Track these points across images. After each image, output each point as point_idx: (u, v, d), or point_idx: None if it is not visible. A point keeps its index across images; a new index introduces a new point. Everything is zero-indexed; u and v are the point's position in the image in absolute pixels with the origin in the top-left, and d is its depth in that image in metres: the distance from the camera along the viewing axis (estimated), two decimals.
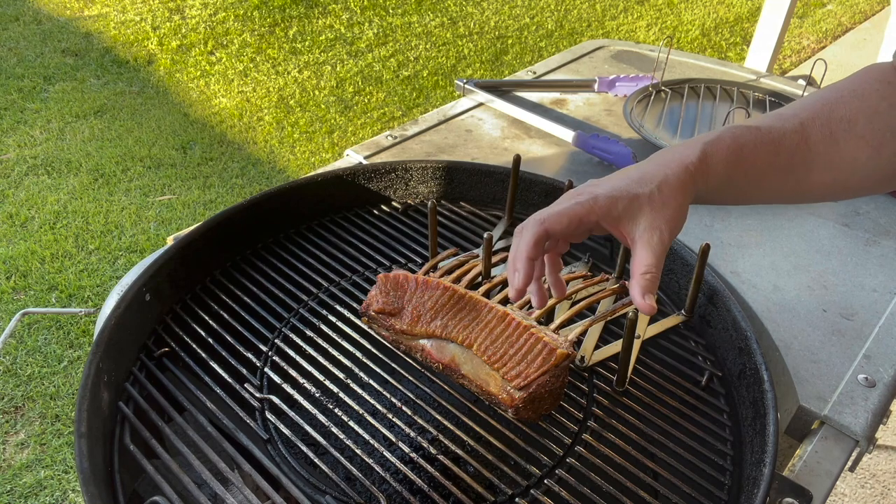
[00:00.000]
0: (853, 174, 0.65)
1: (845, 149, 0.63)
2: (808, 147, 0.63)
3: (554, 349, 0.65)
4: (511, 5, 4.54)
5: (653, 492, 0.65)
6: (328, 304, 0.87)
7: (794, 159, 0.64)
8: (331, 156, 3.05)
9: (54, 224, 2.57)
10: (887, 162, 0.64)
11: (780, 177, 0.64)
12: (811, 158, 0.64)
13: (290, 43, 3.94)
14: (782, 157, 0.63)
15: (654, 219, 0.58)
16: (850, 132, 0.63)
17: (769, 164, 0.63)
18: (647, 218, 0.58)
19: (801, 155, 0.64)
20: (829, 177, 0.65)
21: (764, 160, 0.63)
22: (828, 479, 0.69)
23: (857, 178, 0.65)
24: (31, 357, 2.06)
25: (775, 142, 0.63)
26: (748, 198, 0.67)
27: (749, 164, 0.63)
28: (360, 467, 0.68)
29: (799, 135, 0.63)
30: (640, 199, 0.58)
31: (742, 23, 4.48)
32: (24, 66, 3.59)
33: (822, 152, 0.64)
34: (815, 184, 0.65)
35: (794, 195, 0.68)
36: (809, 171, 0.64)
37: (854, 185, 0.67)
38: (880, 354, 0.82)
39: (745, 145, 0.62)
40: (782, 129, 0.64)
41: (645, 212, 0.58)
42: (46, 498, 1.72)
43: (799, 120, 0.64)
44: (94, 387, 0.68)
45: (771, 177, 0.64)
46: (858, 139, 0.63)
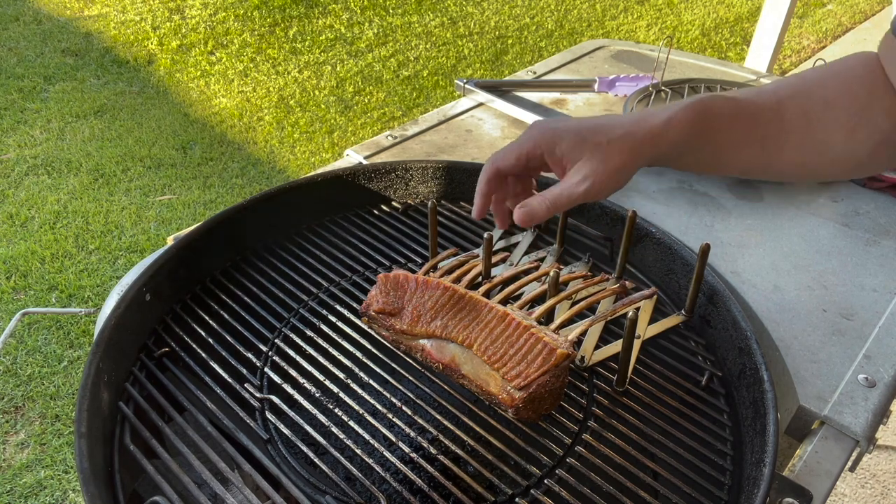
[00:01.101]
0: (824, 157, 0.65)
1: (819, 131, 0.63)
2: (783, 125, 0.64)
3: (554, 349, 0.65)
4: (511, 5, 4.54)
5: (653, 492, 0.65)
6: (328, 304, 0.87)
7: (767, 135, 0.64)
8: (331, 156, 3.05)
9: (54, 224, 2.57)
10: (859, 147, 0.64)
11: (751, 151, 0.65)
12: (784, 137, 0.64)
13: (291, 43, 3.94)
14: (756, 132, 0.64)
15: (591, 169, 0.59)
16: (825, 114, 0.63)
17: (742, 136, 0.64)
18: (585, 166, 0.59)
19: (775, 132, 0.64)
20: (799, 157, 0.65)
21: (737, 132, 0.63)
22: (828, 479, 0.69)
23: (827, 162, 0.66)
24: (31, 357, 2.06)
25: (751, 116, 0.63)
26: (716, 167, 0.68)
27: (720, 134, 0.63)
28: (360, 467, 0.68)
29: (775, 112, 0.64)
30: (584, 146, 0.59)
31: (742, 23, 4.48)
32: (25, 66, 3.59)
33: (795, 131, 0.64)
34: (785, 162, 0.66)
35: (763, 170, 0.68)
36: (781, 150, 0.65)
37: (824, 168, 0.67)
38: (880, 354, 0.82)
39: (719, 115, 0.62)
40: (759, 103, 0.64)
41: (585, 158, 0.59)
42: (46, 498, 1.72)
43: (777, 97, 0.64)
44: (94, 387, 0.68)
45: (742, 149, 0.65)
46: (833, 122, 0.63)
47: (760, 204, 1.09)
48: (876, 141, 0.64)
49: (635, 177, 1.12)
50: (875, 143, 0.64)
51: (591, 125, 0.60)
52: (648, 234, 0.92)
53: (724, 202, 1.09)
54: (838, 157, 0.65)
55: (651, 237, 0.92)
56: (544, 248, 0.96)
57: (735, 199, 1.10)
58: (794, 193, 1.12)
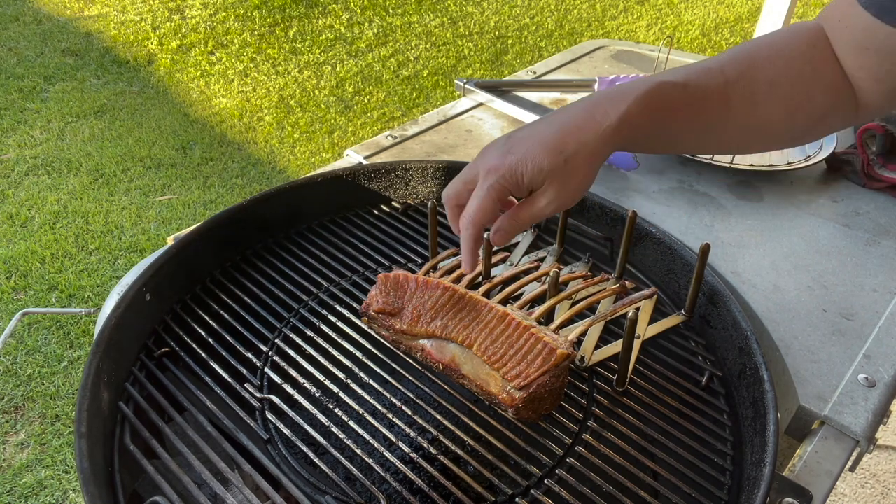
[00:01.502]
0: (765, 135, 0.67)
1: (762, 112, 0.65)
2: (729, 109, 0.65)
3: (554, 349, 0.65)
4: (511, 5, 4.53)
5: (653, 492, 0.65)
6: (328, 304, 0.87)
7: (713, 119, 0.65)
8: (331, 156, 3.05)
9: (54, 224, 2.57)
10: (798, 126, 0.66)
11: (698, 134, 0.67)
12: (729, 119, 0.65)
13: (290, 43, 3.94)
14: (703, 118, 0.65)
15: (555, 191, 0.60)
16: (770, 95, 0.64)
17: (690, 122, 0.65)
18: (550, 188, 0.60)
19: (721, 117, 0.65)
20: (743, 133, 0.67)
21: (687, 120, 0.65)
22: (828, 479, 0.69)
23: (768, 139, 0.68)
24: (31, 357, 2.06)
25: (699, 102, 0.64)
26: (665, 150, 0.70)
27: (671, 123, 0.64)
28: (360, 467, 0.68)
29: (721, 95, 0.64)
30: (544, 172, 0.60)
31: (742, 23, 4.48)
32: (25, 66, 3.59)
33: (739, 113, 0.65)
34: (728, 141, 0.68)
35: (710, 148, 0.71)
36: (724, 130, 0.66)
37: (765, 144, 0.70)
38: (880, 354, 0.82)
39: (670, 105, 0.63)
40: (707, 86, 0.64)
41: (547, 182, 0.60)
42: (46, 498, 1.72)
43: (724, 78, 0.64)
44: (94, 387, 0.68)
45: (690, 133, 0.66)
46: (777, 102, 0.64)
47: (760, 204, 1.09)
48: (815, 119, 0.65)
49: (635, 176, 1.13)
50: (814, 121, 0.65)
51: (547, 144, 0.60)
52: (648, 234, 0.92)
53: (724, 202, 1.09)
54: (778, 134, 0.67)
55: (651, 237, 0.92)
56: (544, 248, 0.96)
57: (735, 199, 1.10)
58: (794, 193, 1.12)
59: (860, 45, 0.60)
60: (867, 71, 0.61)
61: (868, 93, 0.63)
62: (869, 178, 1.13)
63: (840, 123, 0.68)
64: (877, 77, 0.61)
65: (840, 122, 0.68)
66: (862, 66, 0.61)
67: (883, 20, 0.57)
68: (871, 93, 0.63)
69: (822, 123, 0.66)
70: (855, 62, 0.61)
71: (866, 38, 0.59)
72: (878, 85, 0.61)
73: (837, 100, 0.64)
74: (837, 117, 0.66)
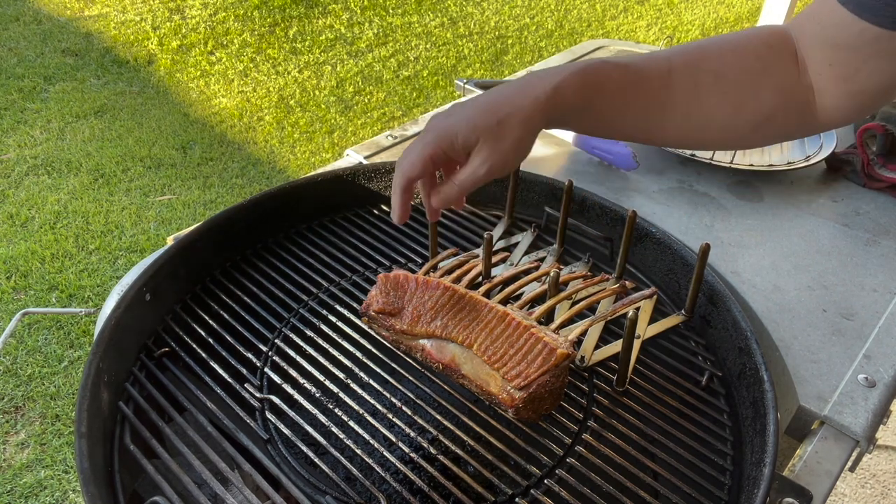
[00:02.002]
0: (709, 130, 0.66)
1: (706, 104, 0.64)
2: (669, 95, 0.64)
3: (554, 349, 0.65)
4: (511, 5, 4.54)
5: (653, 492, 0.65)
6: (328, 304, 0.87)
7: (654, 103, 0.64)
8: (331, 156, 3.05)
9: (54, 224, 2.57)
10: (744, 123, 0.65)
11: (636, 117, 0.65)
12: (670, 107, 0.64)
13: (290, 43, 3.94)
14: (640, 100, 0.64)
15: (488, 152, 0.61)
16: (715, 87, 0.63)
17: (627, 103, 0.64)
18: (483, 149, 0.61)
19: (661, 102, 0.64)
20: (686, 124, 0.66)
21: (623, 100, 0.64)
22: (828, 479, 0.69)
23: (712, 134, 0.66)
24: (31, 357, 2.06)
25: (638, 84, 0.64)
26: (606, 132, 0.68)
27: (606, 100, 0.64)
28: (360, 467, 0.68)
29: (664, 81, 0.64)
30: (477, 132, 0.61)
31: (742, 23, 4.48)
32: (25, 66, 3.59)
33: (681, 102, 0.64)
34: (671, 131, 0.67)
35: (651, 136, 0.69)
36: (666, 118, 0.65)
37: (710, 139, 0.68)
38: (880, 354, 0.82)
39: (606, 82, 0.63)
40: (649, 70, 0.64)
41: (481, 143, 0.61)
42: (46, 498, 1.72)
43: (669, 65, 0.64)
44: (94, 387, 0.68)
45: (627, 115, 0.65)
46: (721, 96, 0.63)
47: (760, 204, 1.09)
48: (761, 117, 0.64)
49: (635, 176, 1.13)
50: (760, 119, 0.64)
51: (482, 106, 0.61)
52: (648, 234, 0.92)
53: (724, 202, 1.09)
54: (723, 130, 0.66)
55: (651, 237, 0.92)
56: (544, 248, 0.96)
57: (735, 199, 1.10)
58: (794, 193, 1.12)
59: (833, 42, 0.60)
60: (836, 69, 0.60)
61: (833, 95, 0.62)
62: (869, 178, 1.13)
63: (794, 127, 0.66)
64: (845, 75, 0.60)
65: (794, 126, 0.66)
66: (832, 63, 0.60)
67: (861, 16, 0.57)
68: (837, 95, 0.62)
69: (771, 123, 0.65)
70: (825, 59, 0.61)
71: (839, 33, 0.59)
72: (845, 84, 0.61)
73: (788, 101, 0.63)
74: (789, 120, 0.65)
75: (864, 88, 0.61)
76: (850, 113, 0.64)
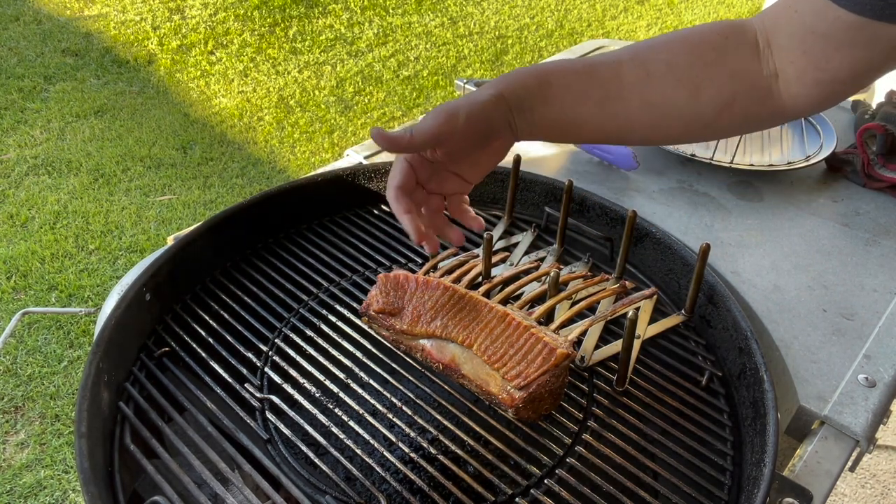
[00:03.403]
0: (671, 117, 0.66)
1: (661, 89, 0.64)
2: (621, 82, 0.65)
3: (554, 349, 0.65)
4: (511, 5, 4.53)
5: (653, 492, 0.65)
6: (328, 304, 0.87)
7: (608, 92, 0.65)
8: (331, 156, 3.05)
9: (54, 224, 2.56)
10: (705, 107, 0.65)
11: (595, 108, 0.66)
12: (625, 94, 0.65)
13: (290, 43, 3.94)
14: (595, 88, 0.65)
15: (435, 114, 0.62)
16: (667, 74, 0.64)
17: (582, 91, 0.65)
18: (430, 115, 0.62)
19: (615, 90, 0.65)
20: (646, 115, 0.66)
21: (577, 87, 0.65)
22: (828, 479, 0.69)
23: (677, 122, 0.66)
24: (31, 357, 2.06)
25: (589, 73, 0.65)
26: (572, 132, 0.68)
27: (562, 90, 0.64)
28: (360, 467, 0.68)
29: (612, 70, 0.65)
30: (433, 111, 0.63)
31: None
32: (25, 66, 3.59)
33: (636, 89, 0.65)
34: (634, 121, 0.67)
35: (618, 132, 0.69)
36: (626, 107, 0.65)
37: (676, 128, 0.67)
38: (880, 354, 0.82)
39: (557, 70, 0.64)
40: (596, 63, 0.65)
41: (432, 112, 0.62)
42: (46, 498, 1.72)
43: (617, 57, 0.66)
44: (94, 387, 0.68)
45: (586, 106, 0.65)
46: (675, 81, 0.64)
47: (760, 204, 1.09)
48: (721, 101, 0.64)
49: (635, 176, 1.13)
50: (721, 103, 0.64)
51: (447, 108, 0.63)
52: (648, 234, 0.92)
53: (724, 202, 1.09)
54: (684, 116, 0.65)
55: (651, 237, 0.92)
56: (544, 248, 0.96)
57: (735, 199, 1.10)
58: (794, 193, 1.12)
59: (808, 29, 0.60)
60: (809, 56, 0.61)
61: (803, 83, 0.62)
62: (869, 178, 1.13)
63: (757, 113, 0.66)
64: (817, 63, 0.60)
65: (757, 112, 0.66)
66: (805, 51, 0.61)
67: (837, 3, 0.57)
68: (807, 83, 0.62)
69: (732, 108, 0.65)
70: (799, 47, 0.61)
71: (815, 20, 0.59)
72: (817, 73, 0.61)
73: (748, 87, 0.64)
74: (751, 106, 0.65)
75: (836, 77, 0.61)
76: (820, 100, 0.64)
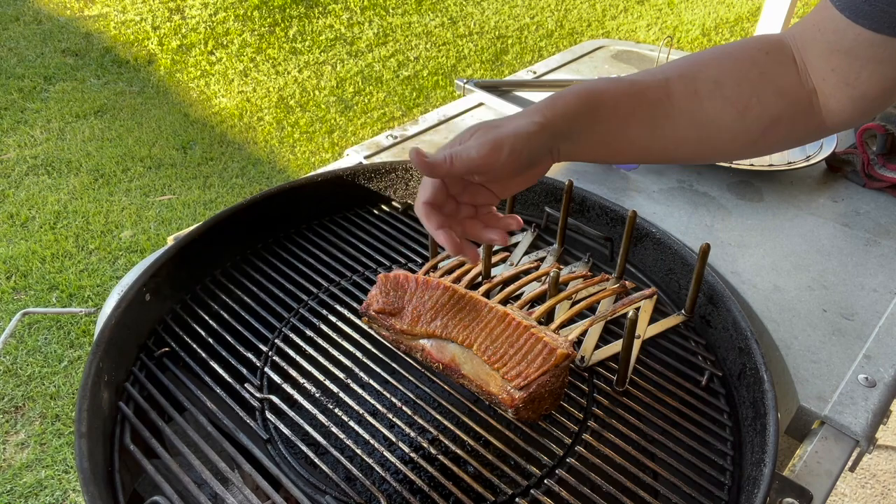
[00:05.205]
0: (718, 134, 0.66)
1: (710, 108, 0.64)
2: (671, 102, 0.64)
3: (554, 349, 0.65)
4: (511, 5, 4.53)
5: (653, 492, 0.65)
6: (328, 304, 0.87)
7: (657, 111, 0.65)
8: (331, 156, 3.05)
9: (54, 224, 2.56)
10: (752, 125, 0.65)
11: (642, 128, 0.65)
12: (674, 113, 0.65)
13: (290, 43, 3.93)
14: (643, 109, 0.64)
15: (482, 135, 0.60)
16: (715, 93, 0.64)
17: (631, 111, 0.64)
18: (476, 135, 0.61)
19: (664, 108, 0.65)
20: (693, 133, 0.66)
21: (625, 108, 0.64)
22: (828, 479, 0.69)
23: (723, 139, 0.66)
24: (31, 357, 2.05)
25: (637, 93, 0.64)
26: (615, 151, 0.67)
27: (608, 112, 0.64)
28: (360, 467, 0.68)
29: (662, 89, 0.64)
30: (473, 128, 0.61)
31: (742, 23, 4.48)
32: (25, 66, 3.59)
33: (685, 108, 0.64)
34: (681, 140, 0.66)
35: (662, 151, 0.68)
36: (674, 126, 0.65)
37: (721, 145, 0.67)
38: (880, 354, 0.82)
39: (604, 92, 0.63)
40: (646, 81, 0.65)
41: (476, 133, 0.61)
42: (46, 498, 1.72)
43: (665, 76, 0.65)
44: (95, 387, 0.68)
45: (635, 125, 0.65)
46: (724, 100, 0.64)
47: (760, 204, 1.09)
48: (768, 119, 0.64)
49: (635, 176, 1.13)
50: (767, 121, 0.64)
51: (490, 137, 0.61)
52: (648, 234, 0.92)
53: (724, 202, 1.09)
54: (731, 134, 0.66)
55: (651, 237, 0.92)
56: (544, 248, 0.96)
57: (735, 199, 1.10)
58: (794, 193, 1.12)
59: (832, 48, 0.61)
60: (837, 74, 0.61)
61: (836, 99, 0.63)
62: (869, 178, 1.13)
63: (802, 130, 0.67)
64: (847, 80, 0.61)
65: (802, 128, 0.66)
66: (834, 69, 0.61)
67: (856, 22, 0.57)
68: (840, 99, 0.62)
69: (778, 126, 0.65)
70: (826, 65, 0.62)
71: (838, 39, 0.60)
72: (848, 89, 0.61)
73: (793, 104, 0.64)
74: (797, 122, 0.65)
75: (865, 93, 0.61)
76: (855, 115, 0.64)
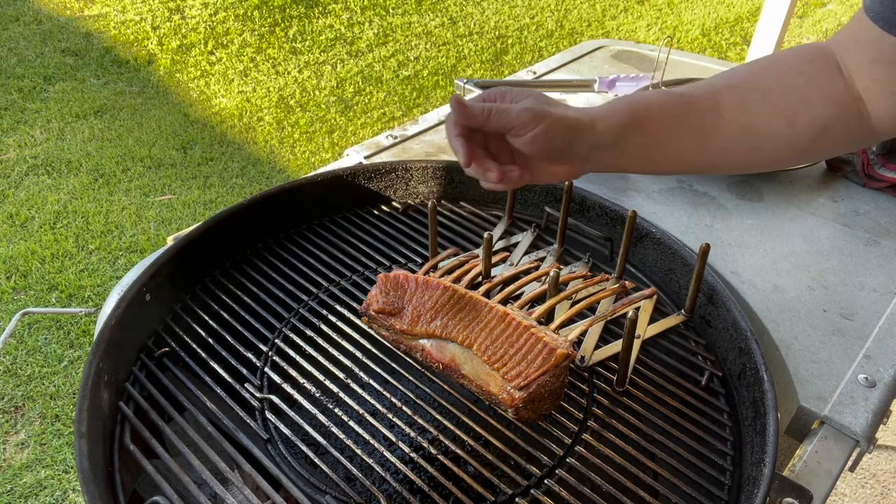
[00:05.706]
0: (768, 142, 0.66)
1: (758, 117, 0.65)
2: (720, 113, 0.65)
3: (554, 349, 0.65)
4: (511, 5, 4.53)
5: (653, 492, 0.65)
6: (328, 304, 0.87)
7: (706, 122, 0.65)
8: (331, 156, 3.05)
9: (54, 224, 2.56)
10: (802, 134, 0.65)
11: (692, 138, 0.66)
12: (723, 124, 0.65)
13: (290, 43, 3.93)
14: (693, 119, 0.65)
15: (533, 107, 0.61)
16: (763, 102, 0.64)
17: (679, 123, 0.65)
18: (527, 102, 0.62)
19: (713, 119, 0.65)
20: (743, 142, 0.66)
21: (674, 119, 0.65)
22: (828, 479, 0.69)
23: (772, 147, 0.66)
24: (31, 357, 2.05)
25: (687, 104, 0.65)
26: (661, 160, 0.68)
27: (658, 122, 0.64)
28: (360, 467, 0.68)
29: (711, 100, 0.65)
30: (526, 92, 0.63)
31: (742, 23, 4.48)
32: (24, 66, 3.59)
33: (734, 118, 0.65)
34: (730, 149, 0.66)
35: (711, 162, 0.69)
36: (724, 137, 0.66)
37: (771, 154, 0.67)
38: (880, 354, 0.82)
39: (653, 103, 0.64)
40: (694, 93, 0.65)
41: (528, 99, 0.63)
42: (46, 498, 1.72)
43: (712, 88, 0.66)
44: (95, 387, 0.68)
45: (683, 137, 0.65)
46: (772, 109, 0.64)
47: (760, 204, 1.09)
48: (818, 127, 0.65)
49: (635, 176, 1.13)
50: (818, 129, 0.65)
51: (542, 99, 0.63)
52: (648, 234, 0.92)
53: (724, 202, 1.09)
54: (781, 143, 0.66)
55: (651, 237, 0.92)
56: (544, 248, 0.96)
57: (735, 199, 1.10)
58: (794, 193, 1.12)
59: (871, 59, 0.61)
60: (880, 83, 0.62)
61: (883, 107, 0.63)
62: (869, 178, 1.13)
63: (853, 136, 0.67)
64: (890, 89, 0.62)
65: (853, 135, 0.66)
66: (875, 79, 0.62)
67: (890, 32, 0.58)
68: (886, 107, 0.63)
69: (828, 133, 0.65)
70: (868, 75, 0.62)
71: (876, 50, 0.61)
72: (891, 97, 0.62)
73: (841, 110, 0.64)
74: (847, 129, 0.65)
75: None
76: None
